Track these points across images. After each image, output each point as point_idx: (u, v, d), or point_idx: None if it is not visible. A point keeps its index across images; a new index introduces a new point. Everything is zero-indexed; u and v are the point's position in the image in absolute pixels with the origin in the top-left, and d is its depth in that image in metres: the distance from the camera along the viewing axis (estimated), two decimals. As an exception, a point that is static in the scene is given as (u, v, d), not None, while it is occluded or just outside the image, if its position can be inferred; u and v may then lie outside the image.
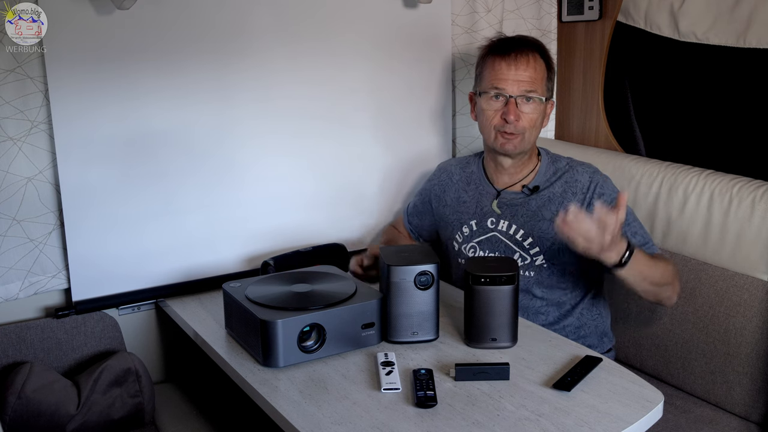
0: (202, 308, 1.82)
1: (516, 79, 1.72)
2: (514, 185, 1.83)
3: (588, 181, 1.76)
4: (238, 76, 1.92)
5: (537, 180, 1.81)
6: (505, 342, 1.51)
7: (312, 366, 1.46)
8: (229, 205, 1.97)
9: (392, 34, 2.14)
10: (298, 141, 2.04)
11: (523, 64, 1.72)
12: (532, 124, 1.74)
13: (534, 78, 1.73)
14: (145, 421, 1.74)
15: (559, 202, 1.76)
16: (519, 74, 1.72)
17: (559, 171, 1.81)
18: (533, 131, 1.76)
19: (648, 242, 1.73)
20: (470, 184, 1.90)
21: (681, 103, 2.06)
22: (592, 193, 1.74)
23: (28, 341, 1.73)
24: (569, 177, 1.78)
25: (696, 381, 1.82)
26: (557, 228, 1.47)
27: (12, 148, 1.69)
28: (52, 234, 1.78)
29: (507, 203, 1.81)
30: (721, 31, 1.89)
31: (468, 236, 1.84)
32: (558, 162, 1.83)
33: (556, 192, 1.78)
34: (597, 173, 1.79)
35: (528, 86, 1.72)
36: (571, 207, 1.45)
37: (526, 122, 1.73)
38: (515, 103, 1.72)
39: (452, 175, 1.95)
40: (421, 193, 2.03)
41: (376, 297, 1.54)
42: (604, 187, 1.75)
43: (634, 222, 1.73)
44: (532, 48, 1.75)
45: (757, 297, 1.69)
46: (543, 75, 1.76)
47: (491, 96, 1.75)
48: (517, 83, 1.72)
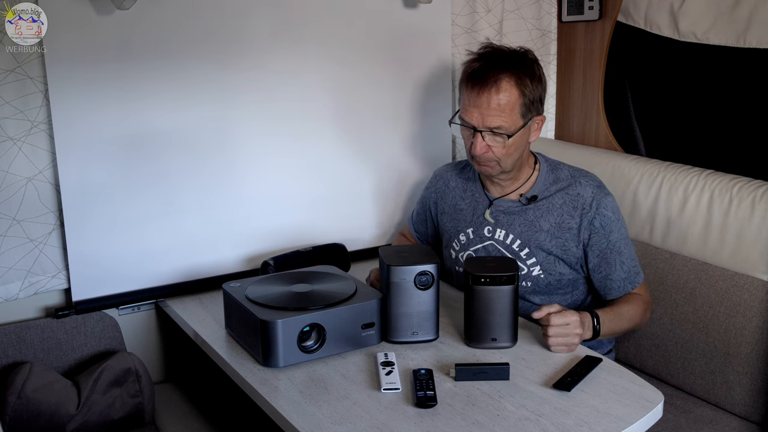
0: (202, 308, 1.82)
1: (480, 113, 1.64)
2: (509, 194, 1.80)
3: (591, 197, 1.71)
4: (239, 77, 1.92)
5: (536, 189, 1.77)
6: (505, 342, 1.51)
7: (312, 366, 1.46)
8: (230, 205, 1.97)
9: (392, 34, 2.14)
10: (298, 141, 2.04)
11: (485, 98, 1.63)
12: (506, 152, 1.67)
13: (501, 111, 1.63)
14: (145, 421, 1.74)
15: (558, 215, 1.73)
16: (483, 109, 1.64)
17: (560, 181, 1.76)
18: (508, 158, 1.69)
19: (630, 275, 1.73)
20: (467, 191, 1.87)
21: (681, 103, 2.06)
22: (593, 213, 1.70)
23: (28, 341, 1.73)
24: (572, 190, 1.74)
25: (696, 381, 1.82)
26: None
27: (12, 148, 1.69)
28: (52, 234, 1.78)
29: (502, 211, 1.79)
30: (721, 31, 1.89)
31: (465, 244, 1.84)
32: (559, 170, 1.78)
33: (555, 203, 1.74)
34: (601, 189, 1.73)
35: (493, 121, 1.64)
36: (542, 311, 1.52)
37: (497, 152, 1.67)
38: (481, 136, 1.66)
39: (449, 181, 1.92)
40: (421, 201, 2.01)
41: (376, 297, 1.54)
42: (605, 208, 1.71)
43: (625, 249, 1.72)
44: (505, 71, 1.64)
45: (757, 297, 1.69)
46: (513, 105, 1.64)
47: (461, 125, 1.71)
48: (481, 117, 1.64)
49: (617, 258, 1.71)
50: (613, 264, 1.71)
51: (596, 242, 1.71)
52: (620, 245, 1.72)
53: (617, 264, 1.71)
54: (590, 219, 1.70)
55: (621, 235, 1.72)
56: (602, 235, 1.70)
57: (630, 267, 1.73)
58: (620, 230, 1.72)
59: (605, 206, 1.71)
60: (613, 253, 1.71)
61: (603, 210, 1.71)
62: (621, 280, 1.72)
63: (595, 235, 1.70)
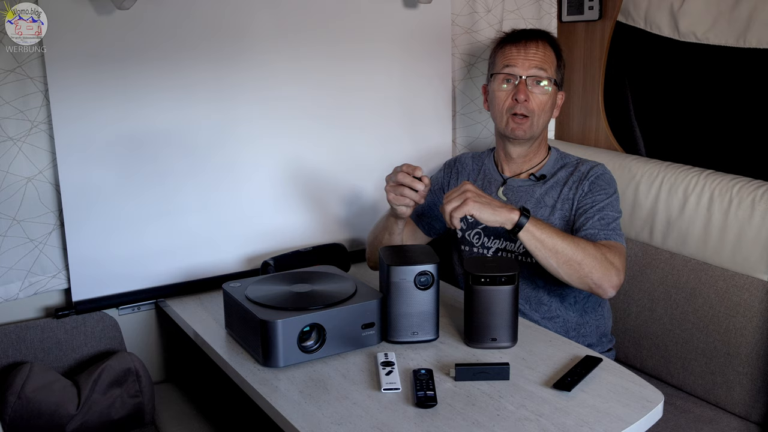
0: (202, 308, 1.82)
1: (526, 58, 1.78)
2: (521, 174, 1.87)
3: (587, 169, 1.79)
4: (239, 77, 1.92)
5: (545, 170, 1.85)
6: (505, 342, 1.51)
7: (312, 366, 1.46)
8: (230, 205, 1.97)
9: (392, 34, 2.14)
10: (298, 141, 2.04)
11: (532, 47, 1.79)
12: (542, 107, 1.79)
13: (543, 59, 1.79)
14: (145, 421, 1.74)
15: (559, 190, 1.79)
16: (528, 56, 1.78)
17: (567, 164, 1.85)
18: (542, 115, 1.80)
19: (606, 227, 1.67)
20: (480, 173, 1.94)
21: (681, 103, 2.06)
22: (584, 179, 1.76)
23: (28, 341, 1.73)
24: (575, 169, 1.82)
25: (696, 381, 1.82)
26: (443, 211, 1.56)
27: (12, 148, 1.69)
28: (52, 234, 1.78)
29: (513, 189, 1.85)
30: (721, 31, 1.89)
31: (473, 222, 1.86)
32: (567, 158, 1.87)
33: (559, 180, 1.81)
34: (600, 166, 1.80)
35: (538, 64, 1.78)
36: None
37: (535, 104, 1.78)
38: (525, 84, 1.77)
39: (465, 163, 2.00)
40: (434, 181, 1.98)
41: (376, 297, 1.53)
42: (595, 176, 1.76)
43: (610, 211, 1.71)
44: (543, 37, 1.83)
45: (757, 297, 1.69)
46: (553, 60, 1.81)
47: (502, 79, 1.80)
48: (527, 62, 1.78)
49: (597, 214, 1.70)
50: (591, 217, 1.70)
51: (582, 203, 1.74)
52: (605, 206, 1.71)
53: (596, 217, 1.69)
54: (581, 184, 1.76)
55: (608, 202, 1.72)
56: (589, 196, 1.73)
57: (610, 223, 1.68)
58: (609, 196, 1.73)
59: (596, 174, 1.77)
60: (593, 209, 1.71)
61: (593, 176, 1.76)
62: (594, 227, 1.67)
63: (583, 197, 1.74)
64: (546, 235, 1.56)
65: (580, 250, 1.56)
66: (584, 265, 1.56)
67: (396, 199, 1.69)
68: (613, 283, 1.58)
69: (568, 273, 1.57)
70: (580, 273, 1.56)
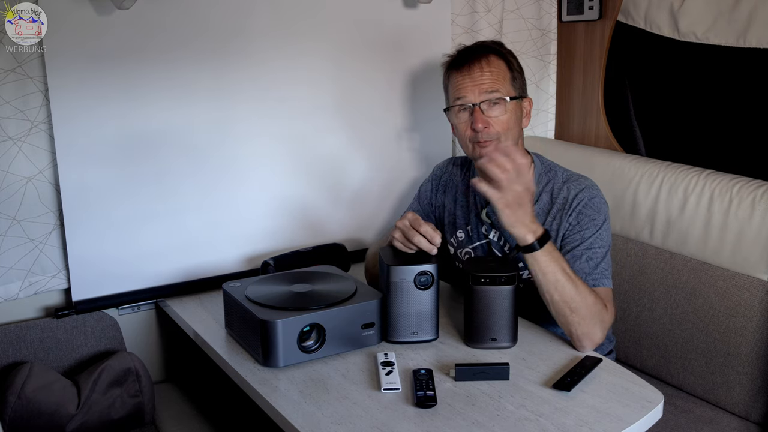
0: (202, 308, 1.82)
1: (475, 84, 1.67)
2: None
3: (573, 196, 1.67)
4: (239, 76, 1.92)
5: None
6: (505, 342, 1.51)
7: (312, 366, 1.46)
8: (229, 204, 1.97)
9: (392, 34, 2.14)
10: (298, 141, 2.04)
11: (477, 71, 1.68)
12: (505, 127, 1.67)
13: (492, 79, 1.67)
14: (145, 421, 1.74)
15: (543, 218, 1.69)
16: (475, 80, 1.67)
17: (551, 183, 1.72)
18: (509, 133, 1.68)
19: (596, 273, 1.60)
20: (468, 188, 1.86)
21: (681, 103, 2.06)
22: (570, 210, 1.65)
23: (28, 341, 1.73)
24: (559, 195, 1.70)
25: (696, 381, 1.82)
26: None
27: (12, 148, 1.69)
28: (52, 234, 1.78)
29: (496, 212, 1.77)
30: (721, 31, 1.89)
31: (463, 241, 1.83)
32: (553, 173, 1.74)
33: (543, 206, 1.70)
34: (588, 190, 1.67)
35: (487, 88, 1.66)
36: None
37: (498, 127, 1.67)
38: (480, 110, 1.67)
39: (453, 176, 1.91)
40: (418, 196, 1.96)
41: (376, 297, 1.53)
42: (583, 205, 1.65)
43: (599, 248, 1.62)
44: (487, 52, 1.70)
45: (757, 297, 1.69)
46: (504, 74, 1.69)
47: (457, 110, 1.71)
48: (476, 88, 1.67)
49: (585, 253, 1.62)
50: (579, 257, 1.60)
51: (569, 237, 1.64)
52: (593, 243, 1.62)
53: (583, 257, 1.61)
54: (566, 215, 1.66)
55: (597, 235, 1.62)
56: (576, 230, 1.64)
57: (598, 264, 1.61)
58: (598, 229, 1.63)
59: (582, 202, 1.65)
60: (581, 247, 1.62)
61: (579, 206, 1.65)
62: (582, 271, 1.59)
63: (570, 231, 1.65)
64: (551, 269, 1.48)
65: (579, 299, 1.49)
66: (576, 314, 1.50)
67: (404, 247, 1.59)
68: (594, 341, 1.52)
69: (556, 310, 1.51)
70: (568, 319, 1.50)
